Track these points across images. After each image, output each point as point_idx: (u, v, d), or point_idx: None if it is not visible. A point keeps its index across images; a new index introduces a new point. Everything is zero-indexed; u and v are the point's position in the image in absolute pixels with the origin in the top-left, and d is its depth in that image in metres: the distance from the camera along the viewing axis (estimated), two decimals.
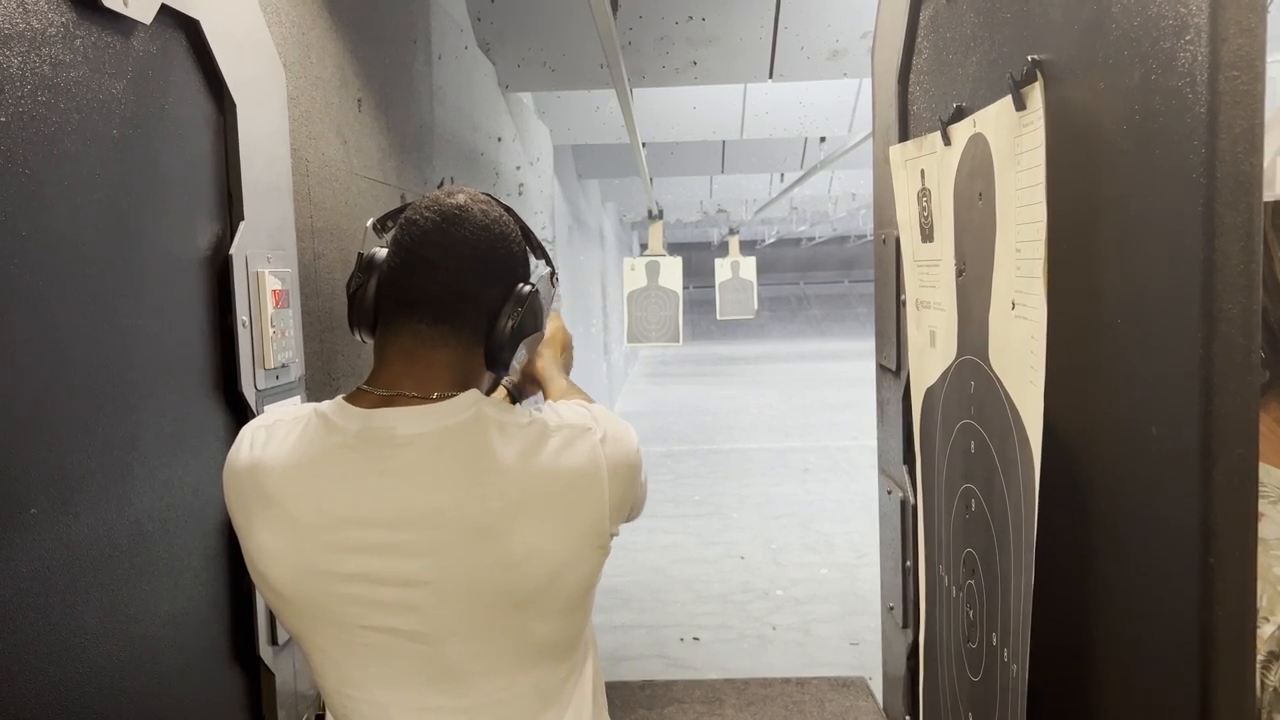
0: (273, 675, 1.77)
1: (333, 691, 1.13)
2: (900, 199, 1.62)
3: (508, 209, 1.18)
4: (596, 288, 12.84)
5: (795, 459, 10.04)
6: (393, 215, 1.18)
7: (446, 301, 1.09)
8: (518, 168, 5.21)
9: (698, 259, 16.44)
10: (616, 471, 1.11)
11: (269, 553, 1.07)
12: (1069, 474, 1.06)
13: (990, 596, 1.23)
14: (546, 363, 1.47)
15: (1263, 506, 0.97)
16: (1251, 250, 0.77)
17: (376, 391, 1.09)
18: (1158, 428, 0.86)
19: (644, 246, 8.91)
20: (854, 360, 18.46)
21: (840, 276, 29.33)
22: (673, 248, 9.47)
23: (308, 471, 1.06)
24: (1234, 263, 0.77)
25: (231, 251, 1.68)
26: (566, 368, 1.53)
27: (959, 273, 1.38)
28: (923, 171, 1.52)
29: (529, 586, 1.06)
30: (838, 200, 12.95)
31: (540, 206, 5.94)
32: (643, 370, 18.70)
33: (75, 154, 1.29)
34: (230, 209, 1.73)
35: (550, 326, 1.50)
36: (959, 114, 1.38)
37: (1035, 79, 1.03)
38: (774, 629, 5.41)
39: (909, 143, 1.60)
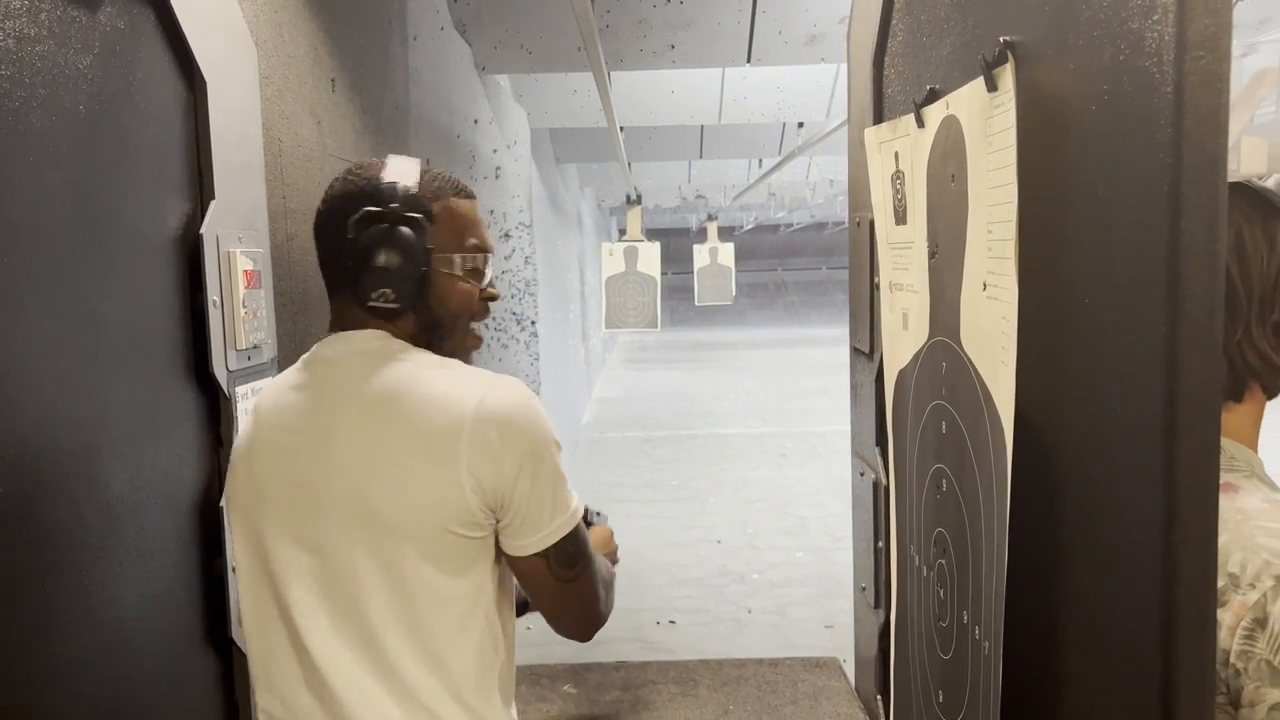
0: (245, 658, 1.76)
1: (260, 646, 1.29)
2: (874, 182, 1.63)
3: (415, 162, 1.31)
4: (574, 273, 12.79)
5: (772, 444, 10.09)
6: None
7: (327, 269, 1.31)
8: (494, 151, 5.19)
9: (676, 245, 16.39)
10: (489, 420, 1.17)
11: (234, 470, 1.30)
12: (1036, 453, 1.07)
13: (961, 575, 1.24)
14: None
15: (1239, 480, 0.99)
16: (1216, 230, 0.78)
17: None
18: (1123, 406, 0.87)
19: (622, 232, 8.87)
20: (831, 346, 18.50)
21: (818, 263, 29.37)
22: (651, 233, 9.43)
23: (269, 398, 1.30)
24: (1198, 242, 0.77)
25: (202, 231, 1.67)
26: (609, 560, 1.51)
27: (931, 255, 1.38)
28: (896, 154, 1.52)
29: (387, 510, 1.17)
30: (815, 186, 12.97)
31: (518, 190, 5.91)
32: (621, 356, 18.69)
33: (41, 130, 1.27)
34: (201, 188, 1.72)
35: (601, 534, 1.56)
36: (932, 96, 1.38)
37: (1006, 60, 1.04)
38: (750, 612, 5.44)
39: (883, 125, 1.60)
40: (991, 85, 1.11)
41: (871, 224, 1.72)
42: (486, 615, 1.23)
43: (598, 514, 1.62)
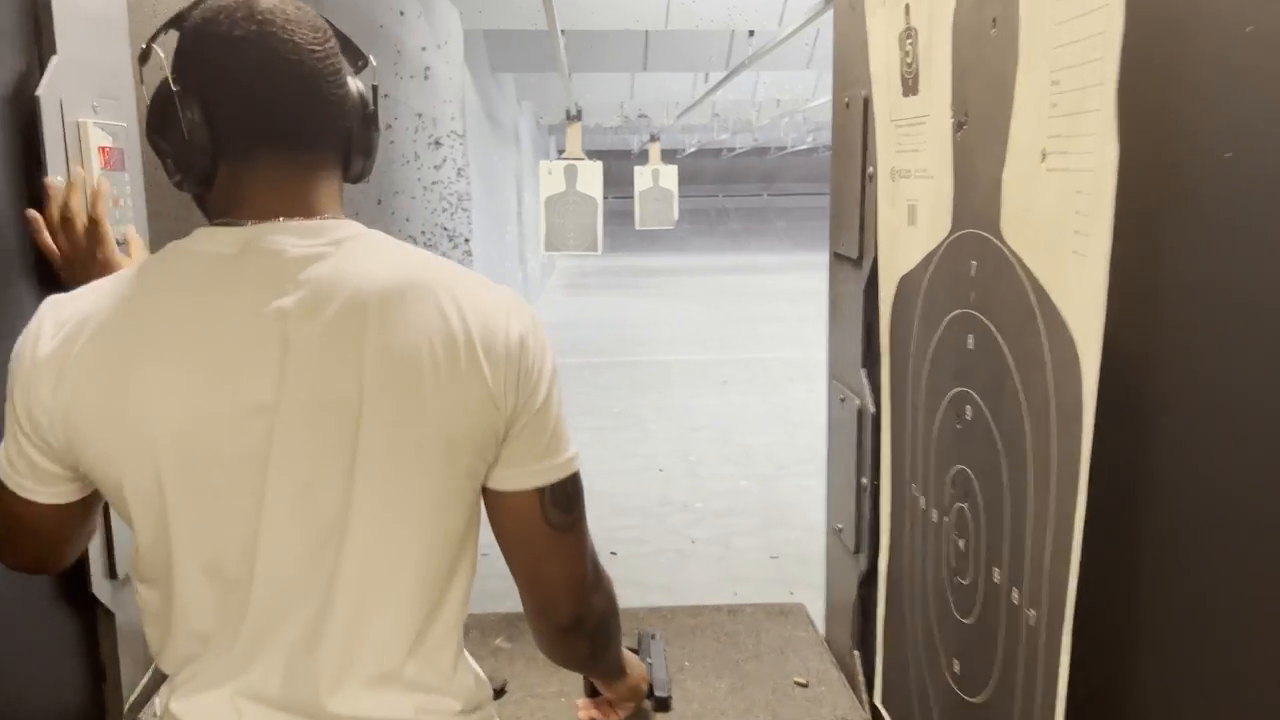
0: (112, 615, 1.48)
1: None
2: (876, 46, 1.34)
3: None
4: (511, 192, 12.35)
5: (714, 371, 9.93)
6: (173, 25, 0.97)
7: (306, 125, 0.96)
8: (423, 49, 4.77)
9: (617, 168, 15.91)
10: (519, 330, 0.99)
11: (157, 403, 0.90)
12: (1113, 373, 0.81)
13: (992, 524, 1.00)
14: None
15: None
16: None
17: (243, 222, 0.94)
18: None
19: (561, 151, 8.48)
20: (774, 273, 18.41)
21: (760, 189, 29.15)
22: (591, 155, 9.06)
23: (183, 306, 0.92)
24: None
25: (39, 93, 1.33)
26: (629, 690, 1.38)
27: (957, 127, 1.11)
28: (907, 6, 1.24)
29: (407, 418, 0.94)
30: (761, 106, 12.64)
31: (450, 96, 5.50)
32: (560, 281, 18.34)
33: None
34: (39, 39, 1.37)
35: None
36: None
37: None
38: (693, 542, 5.28)
39: None
40: None
41: (865, 102, 1.45)
42: (472, 559, 1.03)
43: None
